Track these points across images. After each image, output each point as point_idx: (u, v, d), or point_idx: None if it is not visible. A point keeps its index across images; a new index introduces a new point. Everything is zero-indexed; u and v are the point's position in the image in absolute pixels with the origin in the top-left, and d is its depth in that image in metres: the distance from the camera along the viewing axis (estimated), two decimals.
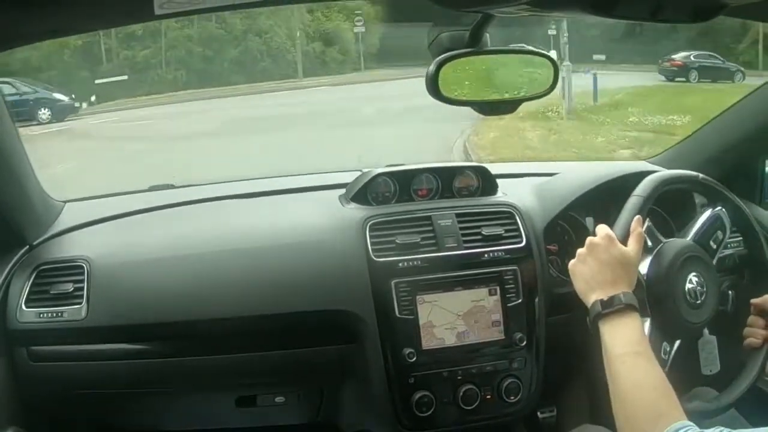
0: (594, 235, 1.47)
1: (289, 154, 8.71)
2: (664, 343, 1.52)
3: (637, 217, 1.49)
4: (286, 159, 8.44)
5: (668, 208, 1.88)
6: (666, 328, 1.51)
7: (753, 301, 1.59)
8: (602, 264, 1.40)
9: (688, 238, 1.61)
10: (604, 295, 1.36)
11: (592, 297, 1.38)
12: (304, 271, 1.72)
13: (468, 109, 1.51)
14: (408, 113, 11.13)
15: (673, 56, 19.95)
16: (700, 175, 1.69)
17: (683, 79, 19.11)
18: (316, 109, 13.51)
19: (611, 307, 1.34)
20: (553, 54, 1.58)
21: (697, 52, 19.72)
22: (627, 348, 1.29)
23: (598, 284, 1.39)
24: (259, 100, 15.84)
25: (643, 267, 1.53)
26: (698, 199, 1.84)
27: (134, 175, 6.59)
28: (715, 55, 19.74)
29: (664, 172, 1.63)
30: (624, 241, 1.45)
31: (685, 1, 1.13)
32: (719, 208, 1.64)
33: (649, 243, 1.56)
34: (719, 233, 1.63)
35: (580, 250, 1.46)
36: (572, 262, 1.47)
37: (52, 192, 1.92)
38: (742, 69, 19.00)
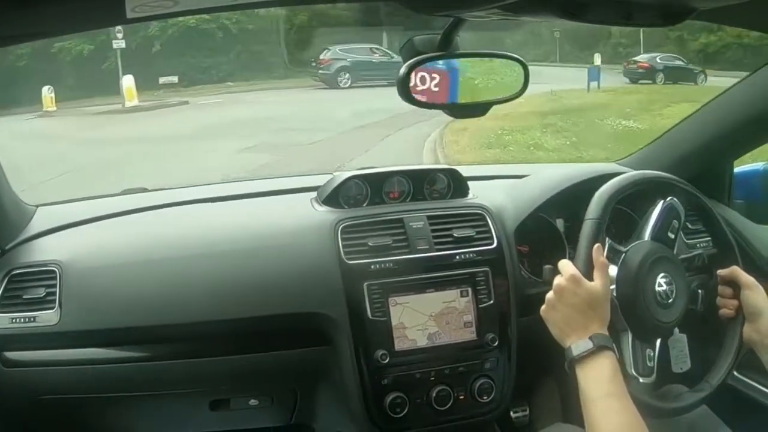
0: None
1: None
2: (648, 350, 1.52)
3: (597, 246, 1.46)
4: None
5: (630, 204, 1.87)
6: (643, 333, 1.52)
7: (719, 272, 1.61)
8: (572, 309, 1.41)
9: (646, 237, 1.60)
10: (577, 340, 1.38)
11: (566, 342, 1.40)
12: (276, 274, 1.72)
13: None
14: None
15: (639, 58, 19.87)
16: (648, 173, 1.67)
17: (649, 81, 18.94)
18: None
19: (584, 351, 1.36)
20: None
21: (662, 54, 19.71)
22: (600, 391, 1.33)
23: (572, 329, 1.40)
24: None
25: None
26: None
27: None
28: (679, 57, 19.77)
29: (610, 184, 1.58)
30: (589, 274, 1.44)
31: (655, 6, 1.14)
32: (669, 198, 1.63)
33: (612, 255, 1.54)
34: (675, 222, 1.62)
35: (549, 296, 1.46)
36: (543, 308, 1.47)
37: (24, 196, 1.91)
38: (705, 71, 19.06)
